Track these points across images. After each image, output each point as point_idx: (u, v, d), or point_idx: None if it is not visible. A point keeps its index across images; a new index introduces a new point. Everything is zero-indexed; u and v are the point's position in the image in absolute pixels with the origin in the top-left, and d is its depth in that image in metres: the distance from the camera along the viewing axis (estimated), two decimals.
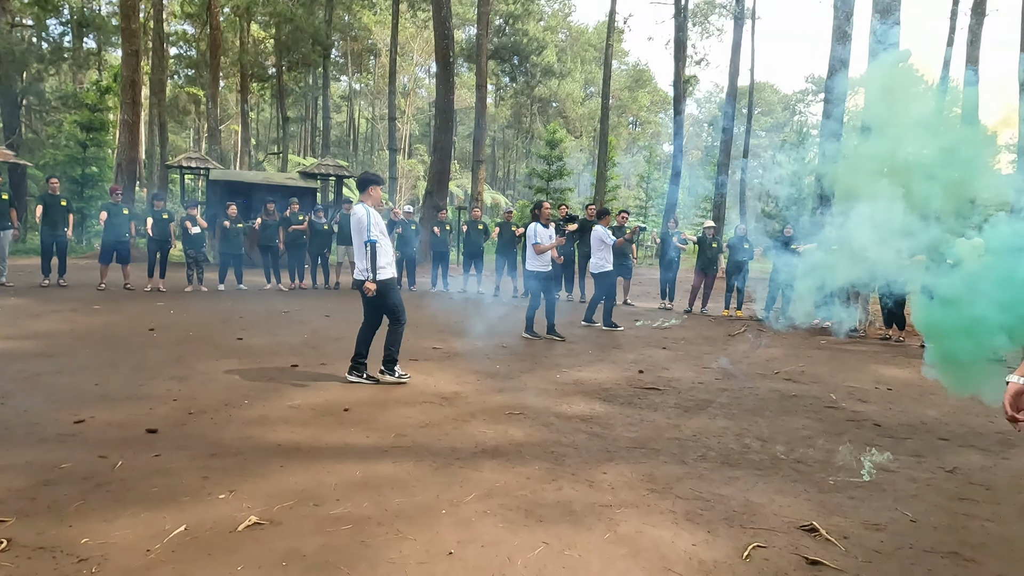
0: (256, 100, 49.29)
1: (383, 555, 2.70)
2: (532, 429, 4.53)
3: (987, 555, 2.94)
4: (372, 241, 5.32)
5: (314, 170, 19.86)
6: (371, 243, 5.32)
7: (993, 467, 4.17)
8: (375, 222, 5.39)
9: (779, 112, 64.27)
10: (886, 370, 7.23)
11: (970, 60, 20.90)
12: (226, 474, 3.48)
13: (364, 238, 5.33)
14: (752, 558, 2.82)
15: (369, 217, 5.36)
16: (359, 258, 5.48)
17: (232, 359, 6.26)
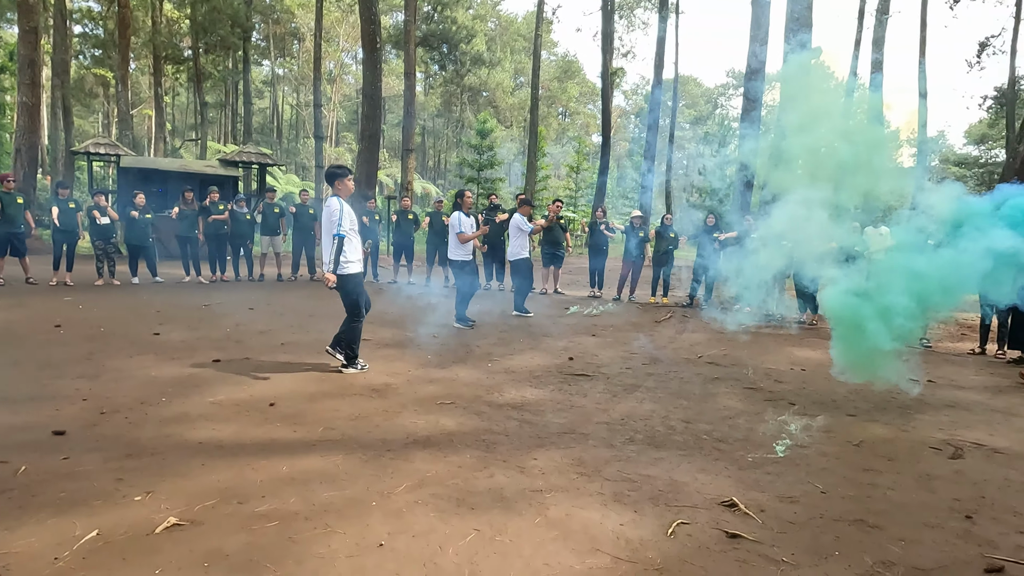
0: (171, 84, 46.88)
1: (311, 550, 2.64)
2: (464, 418, 4.53)
3: (889, 521, 3.16)
4: (342, 236, 5.35)
5: (235, 158, 19.07)
6: (340, 237, 5.35)
7: (894, 439, 4.47)
8: (347, 215, 5.43)
9: (702, 105, 66.27)
10: (800, 352, 7.62)
11: (875, 61, 22.13)
12: (143, 475, 3.33)
13: (334, 231, 5.34)
14: (676, 535, 2.92)
15: (341, 210, 5.40)
16: (326, 251, 5.47)
17: (148, 355, 5.96)
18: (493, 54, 50.45)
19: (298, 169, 47.78)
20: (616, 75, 28.30)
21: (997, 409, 5.38)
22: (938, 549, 2.90)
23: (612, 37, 26.37)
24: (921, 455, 4.17)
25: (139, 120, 46.71)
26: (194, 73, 35.66)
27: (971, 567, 2.75)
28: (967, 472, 3.88)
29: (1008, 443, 4.48)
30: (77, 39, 35.56)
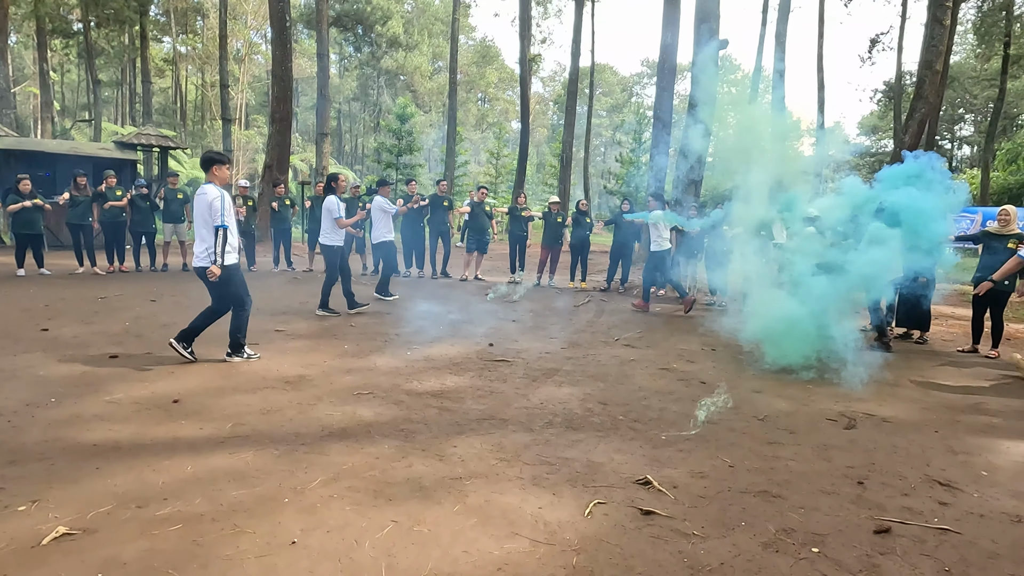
0: (60, 60, 43.43)
1: (218, 552, 2.52)
2: (382, 408, 4.44)
3: (791, 490, 3.33)
4: (225, 226, 5.17)
5: (133, 140, 17.86)
6: (224, 228, 5.16)
7: (795, 413, 4.73)
8: (228, 206, 5.23)
9: (618, 93, 67.58)
10: (710, 332, 7.93)
11: (778, 52, 23.18)
12: (28, 482, 3.07)
13: (217, 222, 5.15)
14: (593, 514, 2.97)
15: (223, 201, 5.19)
16: (201, 241, 5.25)
17: (35, 352, 5.51)
18: (410, 37, 49.53)
19: None
20: (534, 61, 28.39)
21: (886, 382, 5.78)
22: (833, 514, 3.08)
23: (530, 23, 26.42)
24: (819, 426, 4.43)
25: (23, 98, 43.03)
26: (85, 49, 33.13)
27: (862, 530, 2.95)
28: (859, 441, 4.16)
29: (895, 412, 4.83)
30: None
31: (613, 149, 58.29)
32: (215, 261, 5.17)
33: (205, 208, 5.19)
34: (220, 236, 5.16)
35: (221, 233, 5.16)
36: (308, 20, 39.62)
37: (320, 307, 7.92)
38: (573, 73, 25.59)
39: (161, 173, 18.24)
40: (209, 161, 5.34)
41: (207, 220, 5.20)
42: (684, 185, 11.73)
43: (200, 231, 5.27)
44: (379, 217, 9.09)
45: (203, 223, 5.23)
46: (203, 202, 5.19)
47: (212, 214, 5.17)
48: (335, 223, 7.82)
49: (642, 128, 32.39)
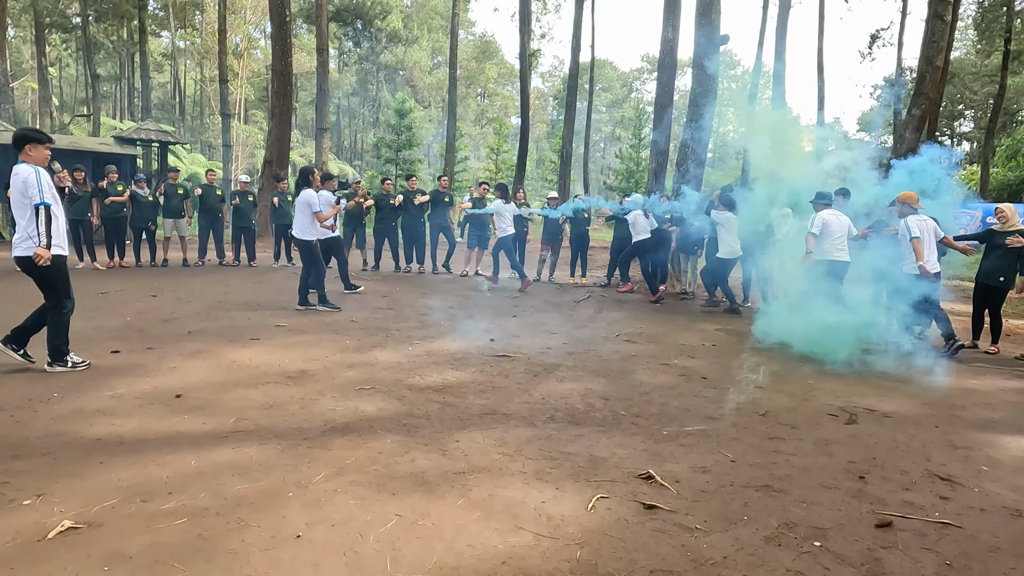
0: (58, 54, 43.33)
1: (223, 546, 2.53)
2: (384, 403, 4.45)
3: (792, 485, 3.35)
4: (47, 204, 4.60)
5: (133, 135, 17.85)
6: (45, 205, 4.59)
7: (796, 408, 4.74)
8: (46, 183, 4.64)
9: (618, 89, 67.53)
10: (710, 328, 7.95)
11: (778, 47, 23.15)
12: (32, 477, 3.08)
13: (35, 201, 4.56)
14: (596, 509, 2.99)
15: (38, 176, 4.61)
16: (21, 229, 4.66)
17: (38, 348, 5.50)
18: (410, 32, 49.42)
19: (204, 148, 45.39)
20: (534, 57, 28.36)
21: (887, 377, 5.80)
22: (835, 509, 3.10)
23: (530, 18, 26.37)
24: (820, 422, 4.45)
25: (20, 93, 42.92)
26: (83, 43, 33.05)
27: (863, 523, 2.96)
28: (860, 436, 4.17)
29: (896, 407, 4.84)
30: None
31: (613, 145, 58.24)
32: (41, 243, 4.58)
33: (19, 188, 4.60)
34: (43, 215, 4.58)
35: (43, 211, 4.58)
36: (308, 15, 39.52)
37: (299, 303, 7.91)
38: (573, 68, 25.56)
39: (161, 168, 18.22)
40: (23, 139, 4.71)
41: (22, 202, 4.62)
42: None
43: (18, 217, 4.67)
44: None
45: (20, 207, 4.64)
46: (16, 183, 4.61)
47: (28, 193, 4.58)
48: (314, 217, 7.82)
49: (642, 123, 32.38)
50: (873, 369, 5.97)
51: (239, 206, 11.87)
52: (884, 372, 5.90)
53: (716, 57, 11.47)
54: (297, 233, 7.88)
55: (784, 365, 6.10)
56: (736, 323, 8.36)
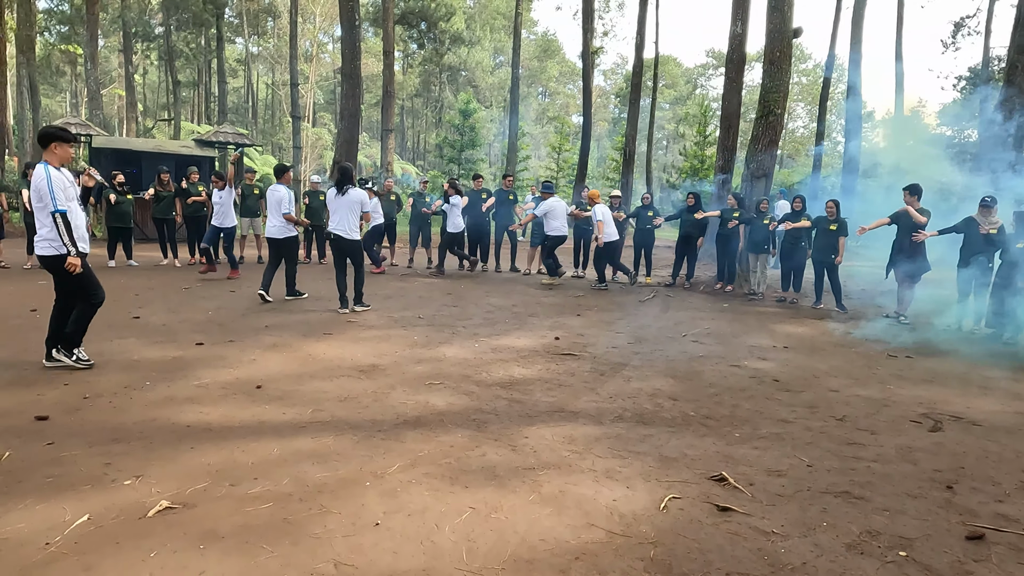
0: (141, 62, 45.76)
1: (307, 530, 2.64)
2: (453, 398, 4.53)
3: (873, 492, 3.23)
4: (62, 211, 4.60)
5: (211, 138, 18.70)
6: (61, 212, 4.59)
7: (876, 414, 4.56)
8: (59, 186, 4.59)
9: (682, 85, 66.22)
10: (782, 329, 7.73)
11: (854, 38, 22.23)
12: (131, 459, 3.29)
13: (50, 208, 4.58)
14: (668, 509, 2.96)
15: (50, 182, 4.55)
16: (41, 226, 4.70)
17: (129, 339, 5.87)
18: (472, 33, 49.84)
19: (275, 150, 47.05)
20: (596, 54, 28.11)
21: (973, 382, 5.51)
22: (921, 518, 2.97)
23: (593, 15, 26.19)
24: (902, 428, 4.27)
25: (108, 100, 45.56)
26: (166, 51, 34.82)
27: (952, 535, 2.83)
28: (946, 444, 3.98)
29: (984, 416, 4.60)
30: (42, 15, 34.48)
31: (676, 142, 57.25)
32: (70, 252, 4.65)
33: (35, 191, 4.61)
34: (60, 222, 4.60)
35: (60, 219, 4.59)
36: (374, 19, 40.43)
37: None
38: (636, 65, 25.22)
39: (238, 169, 19.00)
40: (48, 136, 4.67)
41: (39, 205, 4.65)
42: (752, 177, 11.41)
43: (38, 217, 4.71)
44: (273, 209, 8.11)
45: (37, 208, 4.69)
46: (32, 184, 4.65)
47: (41, 196, 4.59)
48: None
49: (707, 120, 31.67)
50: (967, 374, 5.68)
51: (310, 205, 12.27)
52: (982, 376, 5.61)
53: (789, 51, 11.12)
54: (346, 233, 7.54)
55: (865, 369, 5.88)
56: (809, 325, 8.10)
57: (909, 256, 8.29)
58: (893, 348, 6.86)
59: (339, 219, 7.53)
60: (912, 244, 8.21)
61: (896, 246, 8.43)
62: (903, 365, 6.13)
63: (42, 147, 4.69)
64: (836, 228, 9.02)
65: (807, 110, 61.56)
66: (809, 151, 51.63)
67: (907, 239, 8.22)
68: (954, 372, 5.93)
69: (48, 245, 4.69)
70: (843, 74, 26.14)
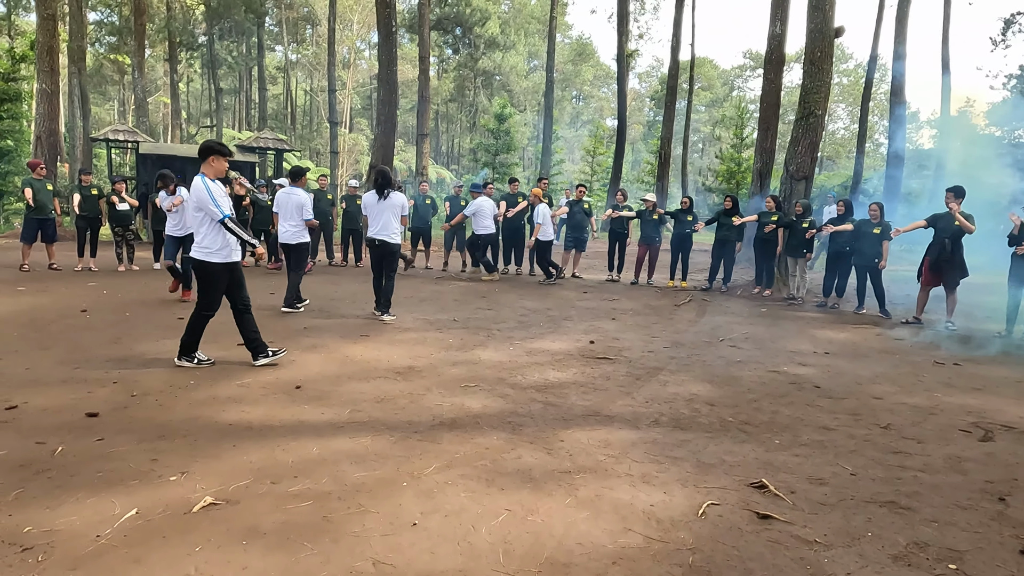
0: (185, 71, 47.07)
1: (346, 529, 2.68)
2: (488, 400, 4.55)
3: (921, 503, 3.14)
4: (228, 216, 4.94)
5: (252, 143, 19.14)
6: (229, 218, 4.94)
7: (922, 422, 4.43)
8: (219, 195, 4.94)
9: (719, 87, 65.40)
10: (823, 334, 7.56)
11: (898, 36, 21.68)
12: (176, 456, 3.38)
13: (216, 217, 4.90)
14: (707, 515, 2.92)
15: (210, 191, 4.89)
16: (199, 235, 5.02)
17: (174, 339, 6.00)
18: (507, 37, 50.06)
19: (312, 155, 47.89)
20: (631, 57, 27.96)
21: None
22: (972, 531, 2.87)
23: (628, 18, 26.08)
24: (950, 437, 4.13)
25: (154, 107, 46.98)
26: (208, 59, 35.75)
27: (1006, 548, 2.73)
28: (998, 454, 3.84)
29: None
30: (92, 26, 35.74)
31: (712, 145, 56.55)
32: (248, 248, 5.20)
33: (194, 201, 4.97)
34: (230, 226, 4.95)
35: (229, 223, 4.95)
36: (410, 25, 40.89)
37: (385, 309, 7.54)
38: (672, 68, 25.02)
39: (276, 174, 19.38)
40: (208, 150, 4.98)
41: (195, 214, 4.99)
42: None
43: (192, 225, 5.07)
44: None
45: (192, 217, 5.03)
46: (195, 195, 4.96)
47: (203, 207, 4.91)
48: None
49: (744, 122, 31.19)
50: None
51: (347, 209, 12.44)
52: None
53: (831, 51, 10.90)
54: (390, 237, 7.36)
55: (910, 376, 5.71)
56: (852, 330, 7.91)
57: (950, 261, 8.05)
58: (940, 355, 6.67)
59: (382, 224, 7.35)
60: (955, 249, 7.97)
61: (935, 251, 8.18)
62: (951, 372, 5.94)
63: (201, 160, 5.00)
64: (880, 231, 8.80)
65: (848, 111, 60.23)
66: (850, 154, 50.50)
67: (947, 243, 7.98)
68: (1006, 380, 5.73)
69: (201, 251, 5.01)
70: (886, 74, 25.51)
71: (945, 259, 8.05)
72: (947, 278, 8.16)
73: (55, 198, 10.58)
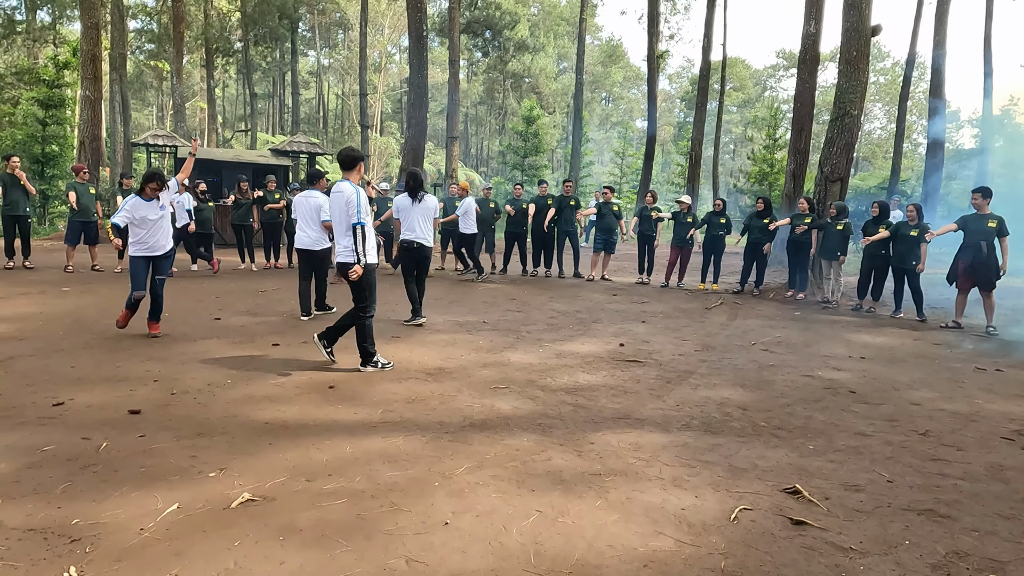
0: (220, 76, 48.05)
1: (379, 527, 2.72)
2: (518, 402, 4.57)
3: (961, 511, 3.07)
4: (363, 223, 5.09)
5: (285, 147, 19.48)
6: (361, 225, 5.08)
7: (963, 429, 4.33)
8: (364, 203, 5.13)
9: (750, 87, 64.54)
10: (858, 339, 7.42)
11: (938, 34, 21.18)
12: (214, 453, 3.46)
13: (353, 220, 5.05)
14: (739, 520, 2.90)
15: (359, 196, 5.09)
16: (341, 237, 5.24)
17: (211, 339, 6.18)
18: (536, 39, 50.08)
19: None
20: (662, 58, 27.75)
21: None
22: (1015, 541, 2.80)
23: (658, 19, 25.89)
24: (992, 445, 4.03)
25: (191, 112, 48.06)
26: (243, 65, 36.47)
27: None
28: None
29: None
30: (133, 34, 36.75)
31: (744, 146, 55.84)
32: (360, 260, 5.08)
33: (341, 205, 5.13)
34: (359, 233, 5.05)
35: (359, 230, 5.06)
36: (440, 28, 41.20)
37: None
38: (703, 68, 24.77)
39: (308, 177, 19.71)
40: (355, 159, 5.26)
41: (341, 219, 5.17)
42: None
43: (339, 229, 5.24)
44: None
45: (339, 221, 5.22)
46: (338, 200, 5.15)
47: (348, 211, 5.09)
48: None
49: (777, 123, 30.73)
50: None
51: (379, 213, 12.58)
52: None
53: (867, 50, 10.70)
54: (427, 240, 7.39)
55: (950, 382, 5.58)
56: (888, 334, 7.75)
57: (984, 264, 7.86)
58: (981, 360, 6.50)
59: (418, 227, 7.31)
60: (989, 251, 7.81)
61: (968, 253, 8.00)
62: (992, 378, 5.79)
63: (346, 169, 5.24)
64: (917, 234, 8.61)
65: (885, 111, 58.94)
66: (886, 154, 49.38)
67: (982, 245, 7.80)
68: None
69: (349, 253, 5.16)
70: (924, 72, 24.92)
71: (980, 262, 7.87)
72: (982, 280, 7.96)
73: (97, 201, 10.91)
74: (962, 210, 8.95)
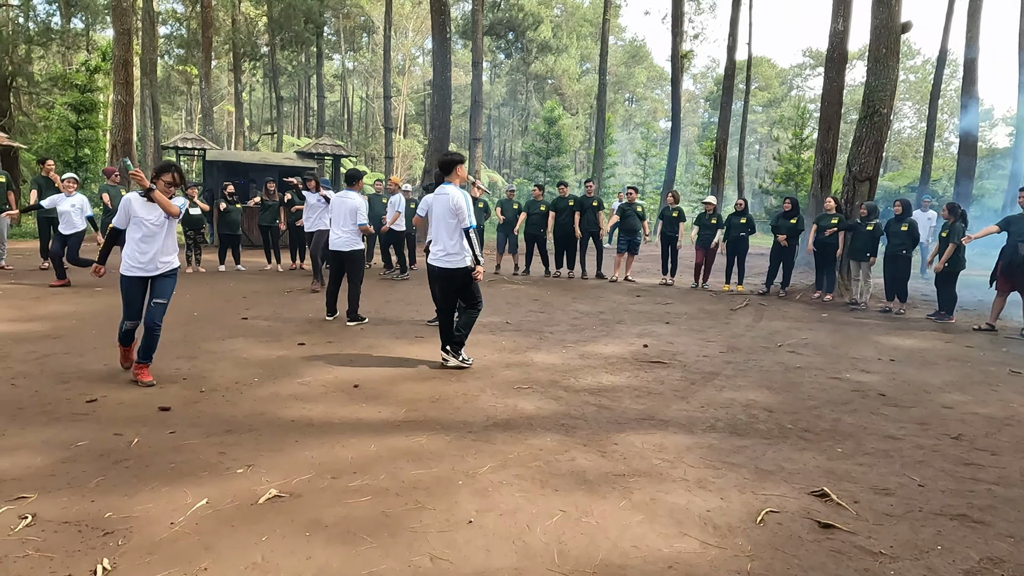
0: (248, 80, 48.78)
1: (404, 524, 2.74)
2: (542, 402, 4.57)
3: (995, 516, 3.00)
4: (474, 226, 5.20)
5: (311, 149, 19.71)
6: (473, 228, 5.19)
7: (997, 433, 4.23)
8: (471, 207, 5.22)
9: (776, 87, 63.79)
10: (888, 341, 7.29)
11: (970, 30, 20.73)
12: (242, 449, 3.52)
13: (464, 224, 5.15)
14: (766, 522, 2.87)
15: (468, 200, 5.18)
16: (437, 241, 5.30)
17: (239, 338, 6.27)
18: (559, 40, 50.09)
19: (367, 160, 48.93)
20: (686, 58, 27.55)
21: None
22: None
23: (682, 19, 25.73)
24: None
25: (219, 116, 48.87)
26: (270, 69, 36.98)
27: None
28: None
29: None
30: (162, 40, 37.49)
31: (769, 146, 55.18)
32: (480, 262, 5.24)
33: (449, 208, 5.18)
34: (474, 236, 5.19)
35: (473, 234, 5.19)
36: (463, 31, 41.38)
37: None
38: (728, 68, 24.55)
39: (334, 179, 19.91)
40: (453, 162, 5.28)
41: (448, 222, 5.21)
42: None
43: (439, 233, 5.28)
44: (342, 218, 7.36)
45: (443, 223, 5.24)
46: (446, 202, 5.20)
47: (458, 214, 5.15)
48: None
49: (803, 122, 30.34)
50: None
51: (374, 212, 12.65)
52: None
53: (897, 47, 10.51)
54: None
55: (983, 386, 5.46)
56: (919, 337, 7.60)
57: (1022, 266, 7.65)
58: (1017, 363, 6.34)
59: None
60: None
61: (1008, 254, 7.79)
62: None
63: (446, 172, 5.33)
64: (947, 235, 8.43)
65: (915, 109, 57.85)
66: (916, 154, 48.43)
67: (1021, 247, 7.60)
68: None
69: (459, 259, 5.23)
70: (956, 70, 24.40)
71: (1018, 264, 7.67)
72: (1020, 283, 7.76)
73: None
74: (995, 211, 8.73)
